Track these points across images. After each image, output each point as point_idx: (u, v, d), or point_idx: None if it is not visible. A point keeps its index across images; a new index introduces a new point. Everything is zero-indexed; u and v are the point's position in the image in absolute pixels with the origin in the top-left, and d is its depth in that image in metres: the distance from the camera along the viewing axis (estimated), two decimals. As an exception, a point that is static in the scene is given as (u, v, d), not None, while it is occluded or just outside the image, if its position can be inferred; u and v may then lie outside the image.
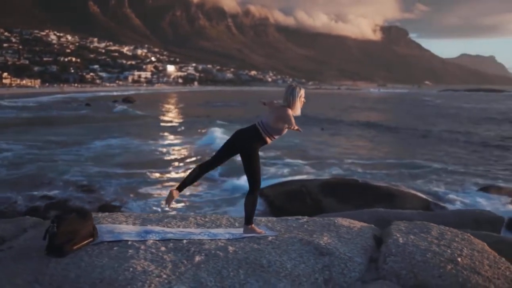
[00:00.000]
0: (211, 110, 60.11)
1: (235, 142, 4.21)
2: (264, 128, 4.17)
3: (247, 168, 4.24)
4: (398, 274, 3.25)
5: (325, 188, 13.79)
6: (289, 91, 4.23)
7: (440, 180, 18.96)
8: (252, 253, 3.54)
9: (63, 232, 3.49)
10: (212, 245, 3.68)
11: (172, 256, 3.45)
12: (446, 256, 3.43)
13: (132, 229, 4.08)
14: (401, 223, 4.34)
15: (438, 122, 46.87)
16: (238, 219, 4.70)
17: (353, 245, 3.79)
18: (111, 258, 3.38)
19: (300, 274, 3.22)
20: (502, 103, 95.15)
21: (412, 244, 3.65)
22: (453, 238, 3.87)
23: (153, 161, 22.43)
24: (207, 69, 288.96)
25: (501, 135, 34.30)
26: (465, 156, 25.09)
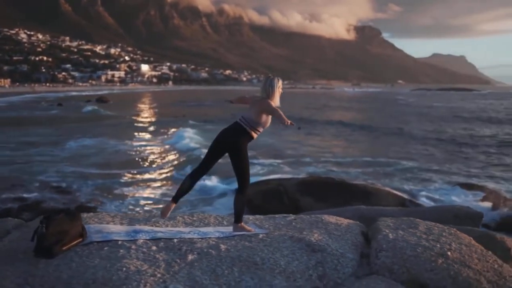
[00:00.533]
0: (186, 110, 59.70)
1: (222, 143, 4.20)
2: (247, 123, 4.17)
3: (237, 167, 4.24)
4: (390, 269, 3.29)
5: (302, 187, 13.84)
6: (268, 83, 4.26)
7: (414, 177, 19.24)
8: (244, 250, 3.54)
9: (52, 233, 3.43)
10: (203, 244, 3.67)
11: (165, 255, 3.42)
12: (436, 251, 3.49)
13: (121, 229, 4.03)
14: (388, 219, 4.39)
15: (411, 120, 47.50)
16: (226, 218, 4.69)
17: (343, 241, 3.82)
18: (103, 258, 3.33)
19: (294, 270, 3.23)
20: (472, 102, 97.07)
21: (402, 239, 3.70)
22: (441, 233, 3.94)
23: (127, 161, 22.18)
24: (181, 69, 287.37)
25: (472, 134, 34.96)
26: (438, 154, 25.49)
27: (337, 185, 14.09)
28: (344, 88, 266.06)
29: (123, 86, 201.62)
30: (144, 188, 16.96)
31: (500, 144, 29.35)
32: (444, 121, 46.98)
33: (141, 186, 17.26)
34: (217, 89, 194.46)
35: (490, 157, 24.60)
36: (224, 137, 4.18)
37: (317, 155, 24.56)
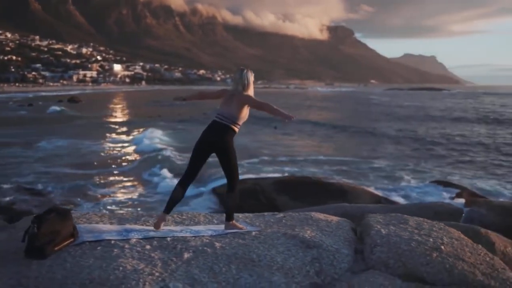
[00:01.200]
0: (161, 110, 59.23)
1: (208, 144, 4.17)
2: (229, 120, 4.15)
3: (226, 166, 4.23)
4: (386, 263, 3.34)
5: (279, 186, 13.89)
6: (243, 75, 4.25)
7: (388, 176, 19.53)
8: (239, 248, 3.54)
9: (44, 233, 3.36)
10: (197, 242, 3.65)
11: (160, 254, 3.39)
12: (430, 245, 3.55)
13: (112, 228, 3.98)
14: (377, 215, 4.45)
15: (384, 120, 48.09)
16: (216, 216, 4.69)
17: (336, 237, 3.86)
18: (97, 258, 3.28)
19: (291, 267, 3.24)
20: (442, 101, 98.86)
21: (395, 235, 3.76)
22: (431, 228, 4.02)
23: (100, 162, 21.91)
24: (154, 68, 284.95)
25: (442, 133, 35.60)
26: (410, 153, 25.88)
27: (314, 184, 14.20)
28: (317, 88, 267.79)
29: (96, 86, 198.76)
30: (116, 189, 16.78)
31: (469, 142, 29.96)
32: (416, 120, 47.71)
33: (113, 187, 17.07)
34: (191, 89, 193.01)
35: (460, 155, 25.09)
36: (209, 138, 4.16)
37: (292, 154, 24.71)
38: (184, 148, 25.37)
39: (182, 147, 25.83)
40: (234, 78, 4.29)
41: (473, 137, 32.46)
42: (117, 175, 19.20)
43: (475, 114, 55.81)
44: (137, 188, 17.04)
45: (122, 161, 22.44)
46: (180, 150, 24.84)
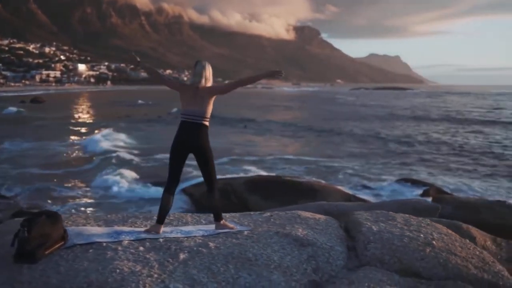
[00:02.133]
0: (128, 110, 58.44)
1: (187, 147, 4.10)
2: (200, 117, 4.09)
3: (205, 166, 4.19)
4: (381, 259, 3.40)
5: (250, 185, 13.92)
6: (203, 67, 4.20)
7: (357, 174, 19.83)
8: (234, 247, 3.53)
9: (35, 237, 3.28)
10: (191, 243, 3.63)
11: (155, 255, 3.36)
12: (422, 240, 3.63)
13: (101, 230, 3.91)
14: (362, 212, 4.52)
15: (350, 119, 48.69)
16: (203, 216, 4.67)
17: (328, 235, 3.90)
18: (91, 261, 3.22)
19: (289, 265, 3.26)
20: (407, 100, 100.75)
21: (386, 231, 3.83)
22: (419, 224, 4.11)
23: (63, 163, 21.51)
24: (120, 68, 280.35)
25: (406, 131, 36.32)
26: (377, 152, 26.30)
27: (284, 183, 14.29)
28: (284, 88, 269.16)
29: (59, 86, 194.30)
30: (81, 192, 16.47)
31: (432, 141, 30.60)
32: (381, 119, 48.50)
33: (77, 189, 16.75)
34: (158, 89, 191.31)
35: (424, 153, 25.63)
36: (187, 141, 4.08)
37: (261, 154, 24.82)
38: (146, 149, 25.21)
39: (143, 148, 25.69)
40: (194, 71, 4.21)
41: (436, 136, 33.22)
42: (80, 176, 18.82)
43: (438, 113, 57.13)
44: (97, 191, 16.75)
45: (84, 162, 21.98)
46: (142, 150, 24.70)
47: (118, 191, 16.50)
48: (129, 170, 19.06)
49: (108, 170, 19.41)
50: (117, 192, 16.47)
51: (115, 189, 16.69)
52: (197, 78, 4.17)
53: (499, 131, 36.53)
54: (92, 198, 15.75)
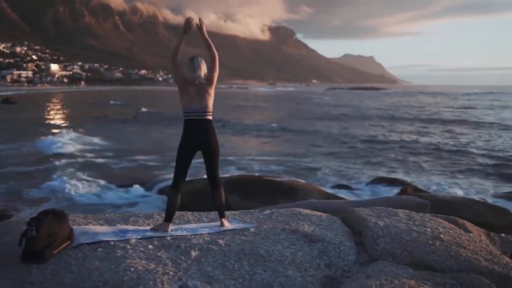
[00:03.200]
0: (106, 110, 57.66)
1: (198, 144, 4.07)
2: (208, 113, 4.12)
3: (213, 163, 4.19)
4: (393, 253, 3.43)
5: (230, 185, 13.85)
6: (201, 61, 4.27)
7: (334, 173, 19.99)
8: (245, 244, 3.52)
9: (43, 236, 3.21)
10: (199, 240, 3.60)
11: (166, 253, 3.32)
12: (429, 235, 3.69)
13: (106, 229, 3.85)
14: (362, 209, 4.56)
15: (326, 119, 48.98)
16: (204, 214, 4.65)
17: (334, 231, 3.92)
18: (102, 260, 3.17)
19: (302, 261, 3.27)
20: (381, 100, 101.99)
21: (393, 226, 3.87)
22: (423, 219, 4.17)
23: (35, 162, 21.08)
24: (94, 68, 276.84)
25: (380, 131, 36.70)
26: (353, 151, 26.52)
27: (264, 183, 14.31)
28: (259, 88, 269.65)
29: (31, 86, 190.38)
30: (50, 193, 16.13)
31: (406, 140, 30.95)
32: (356, 119, 48.89)
33: (36, 192, 16.35)
34: (132, 89, 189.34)
35: (399, 152, 25.92)
36: (200, 139, 4.06)
37: (239, 154, 24.80)
38: (116, 150, 24.91)
39: (113, 149, 25.36)
40: (191, 67, 4.20)
41: (408, 135, 33.65)
42: (40, 178, 18.35)
43: (411, 113, 57.91)
44: (55, 194, 16.38)
45: (47, 164, 21.38)
46: (112, 152, 24.40)
47: (81, 193, 16.09)
48: (96, 172, 18.84)
49: (75, 172, 19.05)
50: (81, 194, 16.07)
51: (79, 191, 16.28)
52: (196, 73, 4.17)
53: (469, 130, 37.26)
54: (56, 200, 15.36)
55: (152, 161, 22.09)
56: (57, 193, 16.09)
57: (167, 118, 44.96)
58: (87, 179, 17.78)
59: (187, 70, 4.22)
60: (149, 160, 22.19)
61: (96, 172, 19.07)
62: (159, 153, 23.52)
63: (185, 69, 4.25)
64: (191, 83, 4.15)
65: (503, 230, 7.11)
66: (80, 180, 17.51)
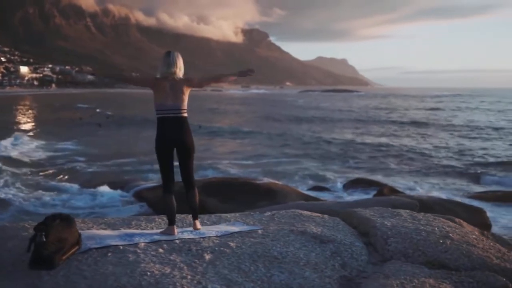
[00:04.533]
0: (79, 113, 56.76)
1: (173, 143, 3.92)
2: (182, 111, 3.95)
3: (187, 162, 4.03)
4: (405, 253, 3.46)
5: (208, 188, 13.75)
6: (175, 56, 4.03)
7: (311, 175, 20.14)
8: (256, 246, 3.49)
9: (52, 241, 3.13)
10: (209, 243, 3.56)
11: (178, 257, 3.27)
12: (438, 234, 3.73)
13: (112, 233, 3.77)
14: (363, 210, 4.58)
15: (301, 122, 49.18)
16: (205, 217, 4.60)
17: (342, 232, 3.93)
18: (115, 264, 3.10)
19: (316, 262, 3.26)
20: (353, 102, 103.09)
21: (400, 226, 3.90)
22: (427, 218, 4.21)
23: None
24: (65, 71, 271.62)
25: (355, 133, 37.02)
26: (327, 153, 26.63)
27: (243, 185, 14.29)
28: (232, 90, 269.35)
29: (0, 89, 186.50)
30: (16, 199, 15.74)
31: (374, 142, 31.28)
32: (329, 121, 49.25)
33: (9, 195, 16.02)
34: (105, 91, 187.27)
35: (373, 154, 26.20)
36: (174, 137, 3.90)
37: (216, 157, 24.70)
38: (88, 154, 24.49)
39: (82, 153, 24.90)
40: (166, 62, 3.98)
41: (379, 137, 34.05)
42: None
43: (382, 115, 58.62)
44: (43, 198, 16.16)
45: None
46: (82, 156, 23.99)
47: (41, 200, 15.65)
48: (66, 176, 18.57)
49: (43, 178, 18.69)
50: (41, 200, 15.63)
51: (36, 197, 15.83)
52: (171, 68, 3.97)
53: (439, 132, 37.90)
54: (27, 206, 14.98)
55: (123, 165, 21.81)
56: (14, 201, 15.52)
57: (136, 122, 44.43)
58: (53, 184, 17.38)
59: (161, 65, 4.00)
60: (120, 164, 21.89)
61: (66, 176, 18.68)
62: (126, 157, 23.23)
63: (158, 64, 4.05)
64: (164, 79, 3.95)
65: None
66: (38, 185, 17.06)
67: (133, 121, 45.59)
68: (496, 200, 14.67)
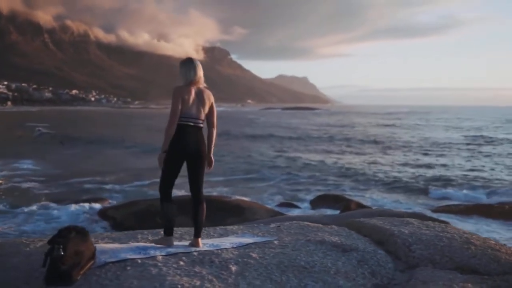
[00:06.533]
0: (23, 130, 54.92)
1: (191, 154, 3.79)
2: (202, 121, 3.87)
3: (199, 174, 3.90)
4: (432, 260, 3.42)
5: (177, 206, 13.57)
6: (199, 65, 3.98)
7: (276, 193, 20.13)
8: (280, 257, 3.38)
9: (70, 255, 2.93)
10: (229, 255, 3.43)
11: (203, 269, 3.12)
12: (459, 240, 3.72)
13: (124, 247, 3.59)
14: (369, 220, 4.56)
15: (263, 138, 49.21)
16: (210, 230, 4.48)
17: (359, 240, 3.87)
18: (139, 278, 2.93)
19: (346, 270, 3.18)
20: (315, 119, 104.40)
21: (419, 233, 3.88)
22: (439, 226, 4.22)
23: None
24: (22, 88, 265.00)
25: (318, 150, 37.27)
26: (293, 172, 26.63)
27: (212, 202, 14.10)
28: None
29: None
30: None
31: (330, 162, 31.49)
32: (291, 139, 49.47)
33: None
34: (64, 109, 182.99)
35: (332, 171, 26.38)
36: (193, 147, 3.78)
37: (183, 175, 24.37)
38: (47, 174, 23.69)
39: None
40: (192, 68, 3.90)
41: (341, 154, 34.43)
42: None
43: (344, 132, 59.42)
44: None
45: None
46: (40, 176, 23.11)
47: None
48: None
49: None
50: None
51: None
52: (198, 74, 3.91)
53: (396, 148, 38.48)
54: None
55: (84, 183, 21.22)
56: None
57: (90, 141, 43.06)
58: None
59: (186, 71, 3.88)
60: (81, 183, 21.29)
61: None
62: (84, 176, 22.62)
63: (183, 72, 3.92)
64: (189, 85, 3.85)
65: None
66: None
67: (86, 140, 44.05)
68: (458, 213, 15.05)
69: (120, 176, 22.93)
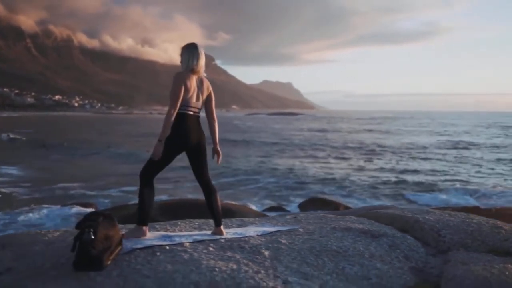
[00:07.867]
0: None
1: (189, 143, 3.61)
2: (200, 110, 3.74)
3: (206, 166, 3.74)
4: (463, 243, 3.40)
5: (165, 210, 13.47)
6: (202, 53, 3.72)
7: (264, 196, 20.16)
8: (310, 242, 3.33)
9: (100, 239, 2.84)
10: (258, 241, 3.35)
11: (235, 254, 3.05)
12: (487, 224, 3.71)
13: (149, 235, 3.52)
14: (385, 210, 4.54)
15: (249, 144, 49.23)
16: (233, 220, 4.41)
17: (385, 227, 3.84)
18: (172, 263, 2.84)
19: (381, 254, 3.14)
20: (301, 124, 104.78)
21: (445, 219, 3.86)
22: (460, 214, 4.20)
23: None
24: (3, 93, 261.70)
25: (303, 155, 37.34)
26: (280, 176, 26.65)
27: (200, 206, 14.08)
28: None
29: None
30: None
31: (325, 165, 31.63)
32: (277, 144, 49.52)
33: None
34: (48, 115, 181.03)
35: (322, 176, 26.45)
36: (195, 137, 3.64)
37: (169, 179, 24.20)
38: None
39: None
40: (195, 54, 3.66)
41: (328, 159, 34.52)
42: None
43: (328, 137, 59.61)
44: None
45: None
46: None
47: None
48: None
49: None
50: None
51: None
52: (201, 62, 3.69)
53: (383, 153, 38.68)
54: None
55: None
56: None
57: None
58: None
59: (189, 57, 3.64)
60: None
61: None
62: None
63: (185, 58, 3.68)
64: (191, 73, 3.65)
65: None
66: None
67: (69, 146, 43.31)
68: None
69: (106, 181, 22.81)
